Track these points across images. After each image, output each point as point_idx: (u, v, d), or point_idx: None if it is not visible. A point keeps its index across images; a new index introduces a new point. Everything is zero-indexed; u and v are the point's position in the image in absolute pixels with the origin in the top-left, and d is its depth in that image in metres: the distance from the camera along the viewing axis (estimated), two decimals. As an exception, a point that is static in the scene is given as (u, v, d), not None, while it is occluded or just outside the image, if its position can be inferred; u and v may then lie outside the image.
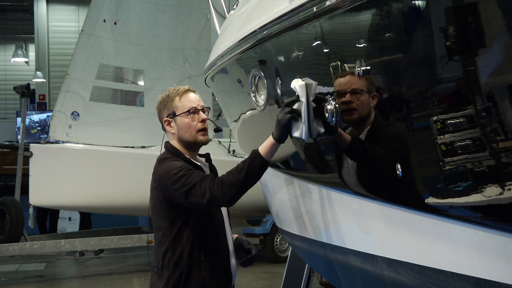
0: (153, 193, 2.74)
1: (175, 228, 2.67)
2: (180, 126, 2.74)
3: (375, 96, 2.28)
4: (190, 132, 2.73)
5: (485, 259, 1.95)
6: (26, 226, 8.51)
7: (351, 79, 2.35)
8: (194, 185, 2.53)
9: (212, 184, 2.49)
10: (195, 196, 2.53)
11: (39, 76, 16.41)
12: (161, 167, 2.68)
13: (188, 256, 2.65)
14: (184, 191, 2.55)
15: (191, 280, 2.65)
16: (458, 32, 1.74)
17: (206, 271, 2.67)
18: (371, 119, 2.36)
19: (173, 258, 2.66)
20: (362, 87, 2.33)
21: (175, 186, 2.58)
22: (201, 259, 2.66)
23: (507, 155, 1.71)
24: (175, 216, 2.67)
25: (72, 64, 8.67)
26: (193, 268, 2.65)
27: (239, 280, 3.07)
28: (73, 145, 8.60)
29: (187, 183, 2.55)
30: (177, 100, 2.75)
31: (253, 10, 3.32)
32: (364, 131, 2.41)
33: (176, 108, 2.74)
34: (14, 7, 18.19)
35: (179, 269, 2.65)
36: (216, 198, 2.48)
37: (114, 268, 9.28)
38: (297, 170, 3.29)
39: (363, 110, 2.38)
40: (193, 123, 2.73)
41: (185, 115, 2.73)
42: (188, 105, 2.74)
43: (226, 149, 9.27)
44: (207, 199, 2.49)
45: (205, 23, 9.23)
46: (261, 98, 3.20)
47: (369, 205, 2.52)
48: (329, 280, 3.68)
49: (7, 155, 11.82)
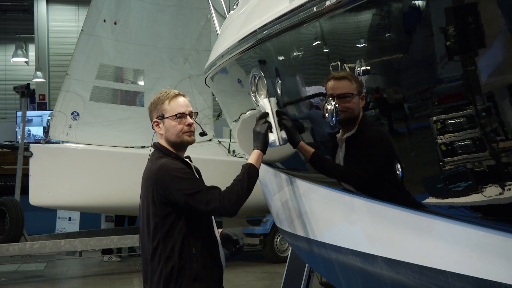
0: (146, 190, 2.85)
1: (167, 224, 2.78)
2: (168, 128, 2.92)
3: (367, 97, 2.28)
4: (176, 134, 2.90)
5: (485, 259, 1.95)
6: (27, 226, 8.51)
7: (344, 82, 2.38)
8: (199, 191, 2.72)
9: (222, 197, 2.72)
10: (198, 201, 2.71)
11: (39, 76, 16.39)
12: (158, 165, 2.81)
13: (180, 250, 2.77)
14: (187, 193, 2.72)
15: (183, 273, 2.76)
16: (458, 32, 1.74)
17: (198, 264, 2.79)
18: (369, 119, 2.36)
19: (165, 252, 2.78)
20: (354, 89, 2.35)
21: (177, 186, 2.73)
22: (192, 252, 2.79)
23: (507, 155, 1.71)
24: (168, 213, 2.79)
25: (72, 64, 8.65)
26: (185, 262, 2.77)
27: (239, 280, 3.06)
28: (73, 145, 8.59)
29: (191, 187, 2.74)
30: (167, 103, 2.93)
31: (253, 10, 3.32)
32: (363, 131, 2.42)
33: (165, 111, 2.92)
34: (14, 7, 18.16)
35: (171, 263, 2.76)
36: (225, 208, 2.72)
37: (114, 268, 9.28)
38: (297, 170, 3.29)
39: (357, 110, 2.40)
40: (179, 126, 2.90)
41: (173, 118, 2.90)
42: (176, 110, 2.91)
43: (226, 149, 9.26)
44: (212, 207, 2.71)
45: (205, 23, 9.22)
46: (261, 98, 3.20)
47: (369, 205, 2.52)
48: (329, 280, 3.68)
49: (7, 155, 11.80)
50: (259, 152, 2.90)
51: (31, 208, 8.47)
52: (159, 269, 2.78)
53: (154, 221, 2.80)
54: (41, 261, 9.49)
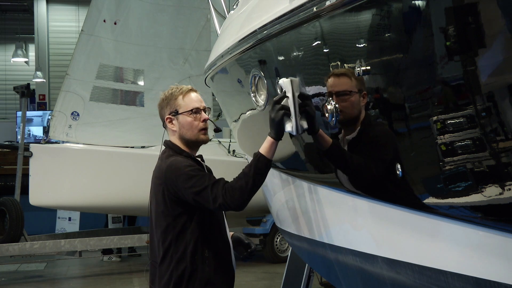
0: (156, 189, 2.75)
1: (179, 225, 2.69)
2: (182, 125, 2.80)
3: (366, 96, 2.29)
4: (192, 130, 2.80)
5: (485, 259, 1.95)
6: (27, 226, 8.51)
7: (344, 81, 2.38)
8: (206, 188, 2.60)
9: (224, 191, 2.57)
10: (204, 199, 2.60)
11: (39, 76, 16.39)
12: (167, 163, 2.72)
13: (192, 252, 2.67)
14: (194, 191, 2.61)
15: (195, 276, 2.67)
16: (458, 32, 1.74)
17: (210, 267, 2.69)
18: (369, 119, 2.36)
19: (176, 254, 2.68)
20: (355, 87, 2.35)
21: (185, 184, 2.63)
22: (205, 255, 2.69)
23: (507, 155, 1.71)
24: (180, 212, 2.70)
25: (72, 64, 8.66)
26: (197, 265, 2.67)
27: (239, 280, 3.08)
28: (73, 145, 8.59)
29: (198, 184, 2.61)
30: (180, 98, 2.82)
31: (253, 10, 3.32)
32: (363, 130, 2.42)
33: (179, 106, 2.81)
34: (14, 7, 18.15)
35: (182, 265, 2.67)
36: (228, 204, 2.57)
37: (114, 268, 9.28)
38: (297, 170, 3.29)
39: (359, 110, 2.39)
40: (195, 122, 2.80)
41: (188, 114, 2.79)
42: (191, 105, 2.81)
43: (226, 149, 9.27)
44: (218, 203, 2.58)
45: (205, 23, 9.23)
46: (261, 98, 3.20)
47: (369, 205, 2.52)
48: (329, 280, 3.68)
49: (7, 155, 11.80)
50: (272, 140, 2.59)
51: (31, 208, 8.48)
52: (169, 271, 2.68)
53: (165, 222, 2.70)
54: (41, 261, 9.50)
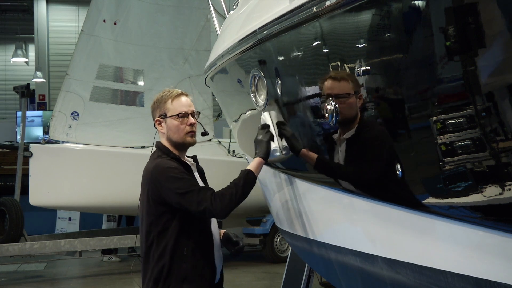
0: (142, 188, 2.87)
1: (161, 223, 2.79)
2: (170, 127, 2.91)
3: (367, 97, 2.29)
4: (178, 133, 2.89)
5: (485, 259, 1.95)
6: (27, 226, 8.51)
7: (343, 82, 2.39)
8: (191, 191, 2.71)
9: (213, 197, 2.69)
10: (189, 201, 2.70)
11: (39, 76, 16.39)
12: (153, 164, 2.83)
13: (172, 250, 2.77)
14: (178, 193, 2.72)
15: (171, 274, 2.77)
16: (458, 32, 1.74)
17: (187, 264, 2.78)
18: (369, 119, 2.37)
19: (157, 251, 2.78)
20: (353, 89, 2.35)
21: (170, 185, 2.73)
22: (183, 253, 2.78)
23: (507, 155, 1.71)
24: (162, 212, 2.79)
25: (72, 64, 8.66)
26: (175, 262, 2.77)
27: (239, 280, 3.07)
28: (73, 145, 8.59)
29: (184, 186, 2.72)
30: (169, 102, 2.91)
31: (253, 10, 3.32)
32: (363, 131, 2.42)
33: (168, 110, 2.91)
34: (14, 7, 18.16)
35: (161, 262, 2.77)
36: (215, 208, 2.69)
37: (114, 268, 9.28)
38: (297, 170, 3.29)
39: (356, 110, 2.40)
40: (182, 126, 2.89)
41: (175, 118, 2.89)
42: (179, 109, 2.90)
43: (226, 149, 9.27)
44: (203, 207, 2.68)
45: (205, 23, 9.22)
46: (261, 98, 3.20)
47: (369, 205, 2.52)
48: (329, 280, 3.68)
49: (7, 155, 11.81)
50: (260, 159, 2.90)
51: (31, 208, 8.48)
52: (151, 268, 2.80)
53: (149, 220, 2.81)
54: (41, 261, 9.50)
